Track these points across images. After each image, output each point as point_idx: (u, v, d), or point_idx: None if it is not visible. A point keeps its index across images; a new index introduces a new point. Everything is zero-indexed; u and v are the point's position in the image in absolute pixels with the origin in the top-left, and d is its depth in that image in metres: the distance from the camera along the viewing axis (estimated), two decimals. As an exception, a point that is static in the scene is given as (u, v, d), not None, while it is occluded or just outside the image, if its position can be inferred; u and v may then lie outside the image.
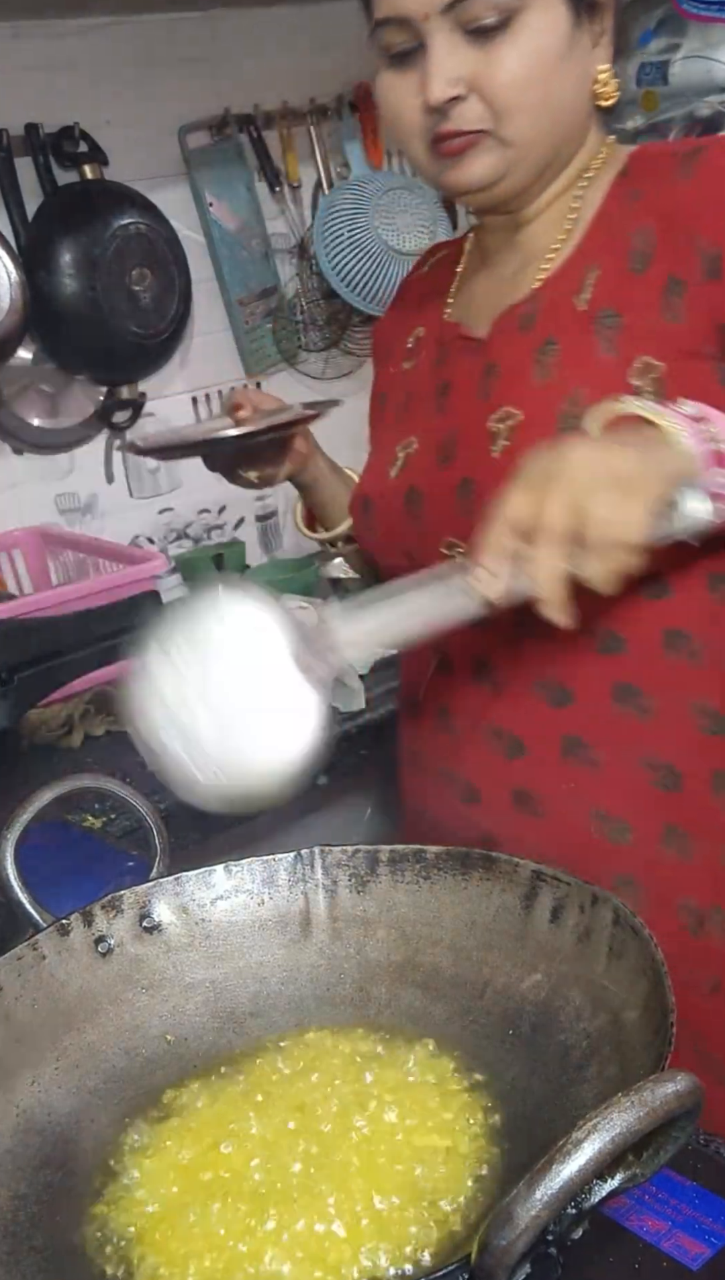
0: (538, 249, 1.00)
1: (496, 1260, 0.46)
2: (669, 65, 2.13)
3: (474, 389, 1.00)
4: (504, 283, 1.02)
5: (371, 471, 1.10)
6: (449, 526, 0.99)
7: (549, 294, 0.97)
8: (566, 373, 0.93)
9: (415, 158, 0.96)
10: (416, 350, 1.10)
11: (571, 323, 0.94)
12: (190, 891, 0.80)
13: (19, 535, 2.01)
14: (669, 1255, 0.65)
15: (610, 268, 0.93)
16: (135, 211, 1.98)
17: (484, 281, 1.05)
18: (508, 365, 0.97)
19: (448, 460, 1.00)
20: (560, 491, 0.71)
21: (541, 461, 0.74)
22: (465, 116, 0.91)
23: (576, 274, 0.95)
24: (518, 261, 1.02)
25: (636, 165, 0.96)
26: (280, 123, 2.20)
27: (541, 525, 0.71)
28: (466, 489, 0.97)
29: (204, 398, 2.22)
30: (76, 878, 1.15)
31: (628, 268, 0.92)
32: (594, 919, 0.69)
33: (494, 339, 1.00)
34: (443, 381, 1.04)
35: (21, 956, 0.74)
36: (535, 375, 0.95)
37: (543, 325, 0.96)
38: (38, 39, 1.91)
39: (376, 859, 0.80)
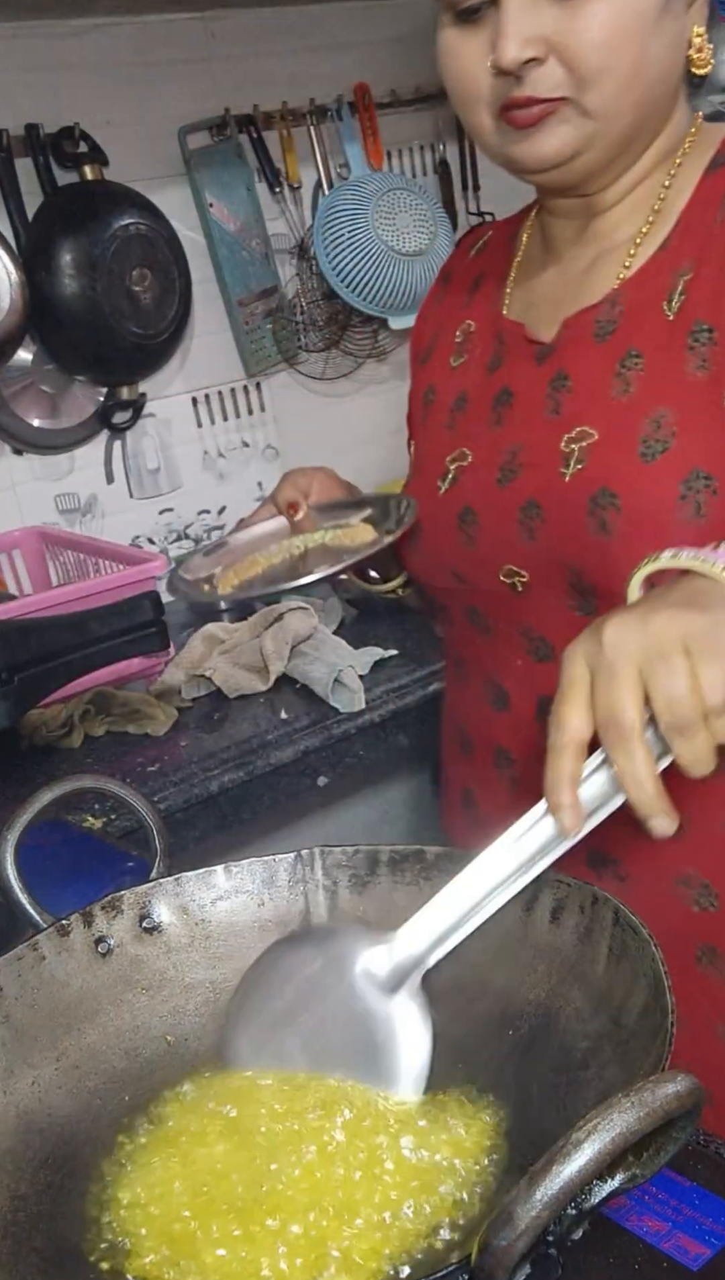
0: (616, 242, 0.89)
1: (496, 1260, 0.46)
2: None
3: (541, 401, 0.90)
4: (574, 279, 0.92)
5: (417, 485, 1.01)
6: (509, 553, 0.91)
7: (631, 297, 0.87)
8: (650, 390, 0.84)
9: (478, 128, 0.85)
10: (467, 346, 1.00)
11: (658, 333, 0.84)
12: (190, 892, 0.80)
13: (19, 535, 2.01)
14: (669, 1256, 0.65)
15: (705, 273, 0.83)
16: (135, 212, 1.99)
17: (550, 276, 0.95)
18: (581, 377, 0.88)
19: (509, 479, 0.91)
20: (620, 678, 0.61)
21: (579, 655, 0.64)
22: (544, 81, 0.80)
23: (664, 275, 0.85)
24: (591, 255, 0.91)
25: None
26: (280, 123, 2.20)
27: (611, 725, 0.61)
28: (531, 513, 0.89)
29: (204, 398, 2.22)
30: (76, 878, 1.15)
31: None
32: (594, 919, 0.69)
33: (563, 345, 0.90)
34: (501, 389, 0.94)
35: (21, 957, 0.74)
36: (614, 390, 0.85)
37: (624, 333, 0.86)
38: (38, 39, 1.91)
39: (376, 859, 0.79)
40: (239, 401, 2.27)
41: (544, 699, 0.92)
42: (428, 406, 1.03)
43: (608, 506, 0.84)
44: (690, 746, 0.62)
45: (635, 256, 0.88)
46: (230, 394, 2.26)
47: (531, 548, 0.90)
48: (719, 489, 0.82)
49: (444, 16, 0.84)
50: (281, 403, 2.32)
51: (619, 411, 0.85)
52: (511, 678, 0.96)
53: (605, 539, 0.84)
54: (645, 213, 0.88)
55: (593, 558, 0.86)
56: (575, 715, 0.63)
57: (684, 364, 0.83)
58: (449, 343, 1.02)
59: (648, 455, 0.83)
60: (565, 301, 0.92)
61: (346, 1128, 0.66)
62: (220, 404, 2.25)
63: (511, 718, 0.96)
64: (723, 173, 0.85)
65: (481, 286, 1.02)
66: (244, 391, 2.27)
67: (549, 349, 0.91)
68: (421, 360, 1.07)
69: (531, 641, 0.94)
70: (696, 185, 0.86)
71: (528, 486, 0.90)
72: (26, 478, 2.04)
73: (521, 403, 0.93)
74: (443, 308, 1.06)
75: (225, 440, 2.27)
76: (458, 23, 0.83)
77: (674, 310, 0.84)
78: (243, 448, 2.29)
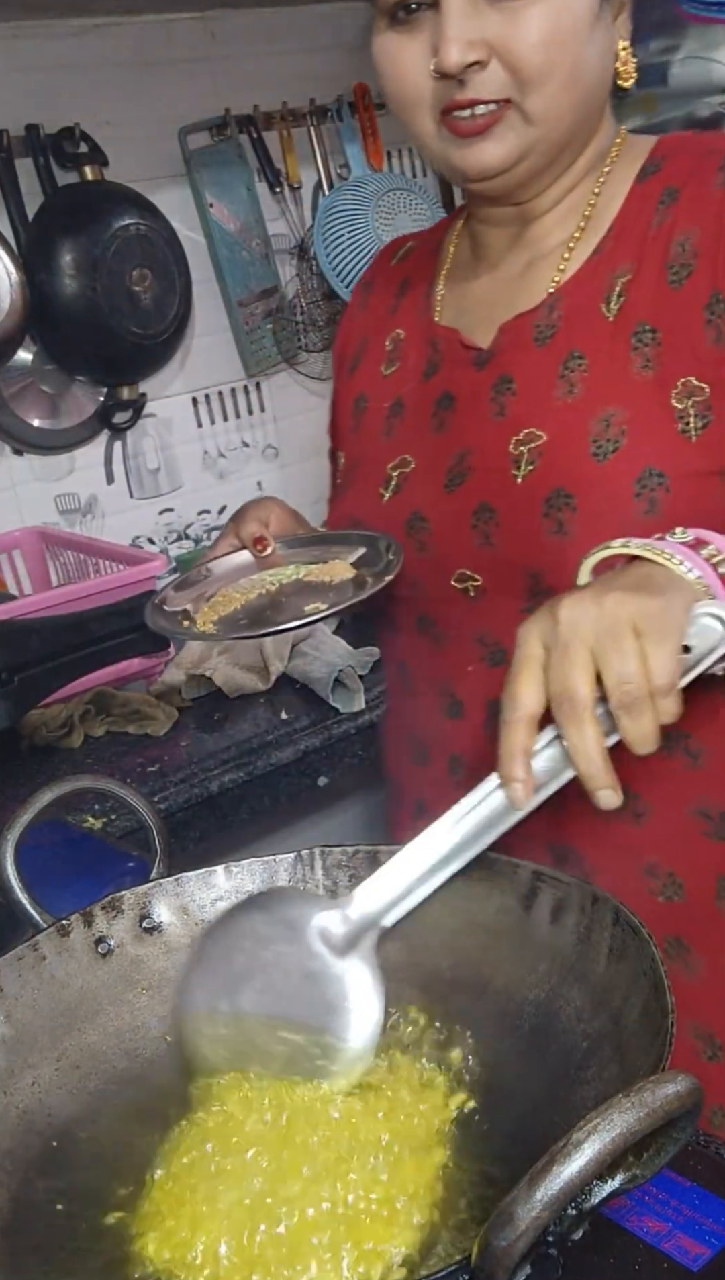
0: (548, 247, 0.91)
1: (497, 1261, 0.46)
2: (668, 67, 2.13)
3: (485, 405, 0.91)
4: (508, 285, 0.93)
5: (357, 492, 1.00)
6: (462, 558, 0.91)
7: (569, 301, 0.88)
8: (596, 391, 0.85)
9: (420, 133, 0.86)
10: (397, 354, 1.00)
11: (599, 334, 0.86)
12: (190, 892, 0.80)
13: (19, 536, 2.01)
14: (669, 1256, 0.65)
15: (644, 275, 0.85)
16: (135, 212, 1.98)
17: (482, 282, 0.96)
18: (524, 380, 0.89)
19: (458, 483, 0.91)
20: (573, 656, 0.64)
21: (533, 632, 0.66)
22: (486, 84, 0.81)
23: (601, 278, 0.87)
24: (524, 260, 0.93)
25: (668, 161, 0.87)
26: (280, 123, 2.20)
27: (564, 701, 0.64)
28: (484, 517, 0.89)
29: (204, 398, 2.22)
30: (76, 878, 1.15)
31: (665, 278, 0.84)
32: (594, 919, 0.69)
33: (502, 349, 0.91)
34: (441, 394, 0.95)
35: (22, 957, 0.74)
36: (559, 392, 0.86)
37: (564, 336, 0.87)
38: (38, 40, 1.91)
39: (376, 859, 0.79)
40: (239, 401, 2.27)
41: (492, 702, 0.92)
42: (359, 415, 1.03)
43: (563, 507, 0.85)
44: (637, 725, 0.64)
45: (569, 261, 0.89)
46: (230, 394, 2.26)
47: (487, 552, 0.90)
48: (672, 486, 0.83)
49: (380, 21, 0.85)
50: (281, 403, 2.32)
51: (566, 412, 0.86)
52: (464, 685, 0.96)
53: (562, 539, 0.85)
54: (576, 219, 0.90)
55: (550, 559, 0.86)
56: (528, 690, 0.65)
57: (629, 364, 0.84)
58: (378, 351, 1.02)
59: (599, 455, 0.84)
60: (499, 306, 0.92)
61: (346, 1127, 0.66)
62: (220, 404, 2.25)
63: (465, 725, 0.96)
64: (653, 181, 0.87)
65: (407, 294, 1.02)
66: (244, 391, 2.27)
67: (488, 354, 0.92)
68: (348, 369, 1.07)
69: (485, 647, 0.94)
70: (628, 193, 0.88)
71: (478, 490, 0.90)
72: (27, 478, 2.04)
73: (464, 407, 0.93)
74: (367, 316, 1.06)
75: (225, 440, 2.27)
76: (395, 27, 0.84)
77: (613, 312, 0.85)
78: (243, 448, 2.29)
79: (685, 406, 0.83)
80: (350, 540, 0.98)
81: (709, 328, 0.82)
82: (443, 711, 0.98)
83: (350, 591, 0.91)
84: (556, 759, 0.67)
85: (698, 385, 0.82)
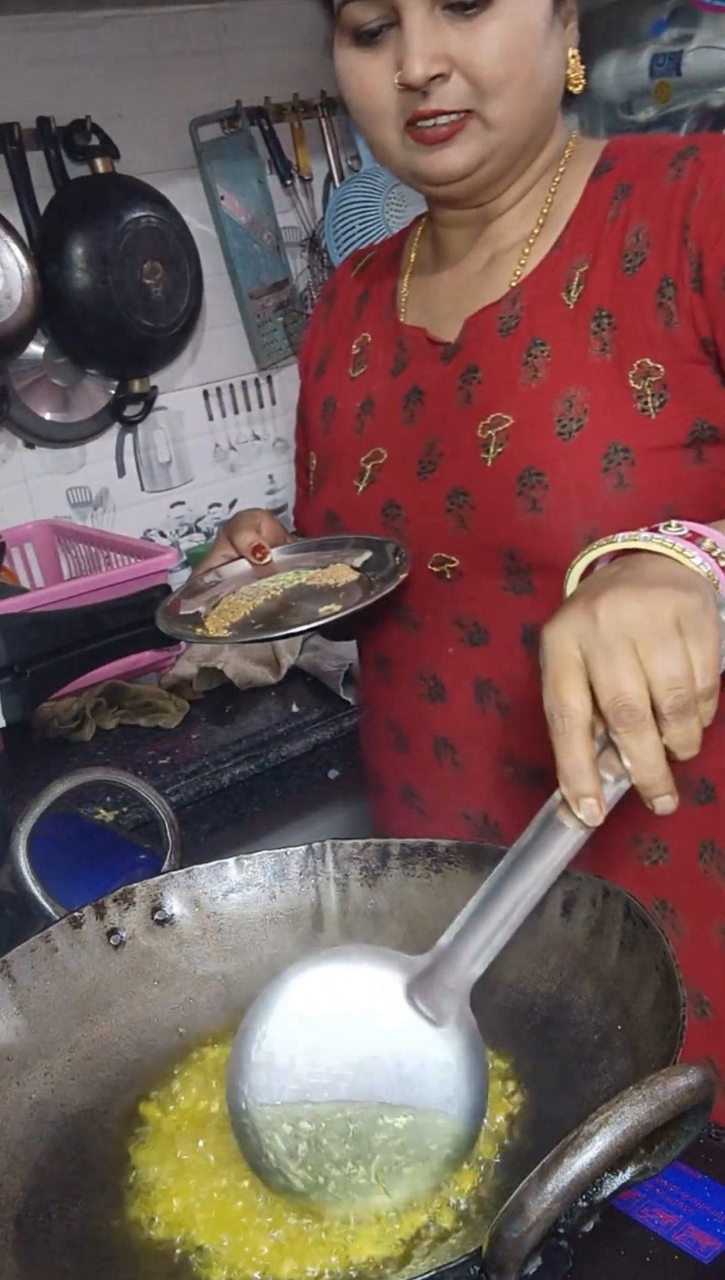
0: (509, 243, 0.95)
1: (508, 1252, 0.46)
2: (682, 56, 2.12)
3: (452, 395, 0.95)
4: (471, 281, 0.97)
5: (332, 486, 1.03)
6: (438, 541, 0.94)
7: (531, 292, 0.92)
8: (559, 374, 0.89)
9: (384, 144, 0.91)
10: (365, 357, 1.04)
11: (561, 321, 0.90)
12: (202, 884, 0.80)
13: (31, 529, 2.01)
14: (680, 1248, 0.65)
15: (601, 265, 0.89)
16: (147, 205, 1.98)
17: (445, 281, 1.00)
18: (490, 368, 0.93)
19: (430, 470, 0.95)
20: (623, 660, 0.61)
21: (566, 633, 0.63)
22: (448, 96, 0.86)
23: (560, 269, 0.91)
24: (485, 257, 0.97)
25: (620, 160, 0.92)
26: (291, 116, 2.20)
27: (621, 709, 0.60)
28: (458, 500, 0.92)
29: (215, 391, 2.22)
30: (88, 870, 1.15)
31: (620, 267, 0.88)
32: (606, 913, 0.69)
33: (468, 342, 0.95)
34: (410, 388, 0.98)
35: (34, 949, 0.74)
36: (524, 377, 0.90)
37: (527, 325, 0.92)
38: (49, 32, 1.91)
39: (388, 852, 0.80)
40: (250, 394, 2.27)
41: (480, 681, 0.96)
42: (329, 416, 1.06)
43: (535, 485, 0.88)
44: (685, 730, 0.61)
45: (530, 255, 0.94)
46: (241, 387, 2.26)
47: (463, 534, 0.93)
48: (637, 460, 0.87)
49: (342, 38, 0.89)
50: (292, 396, 2.30)
51: (531, 396, 0.90)
52: (444, 667, 0.98)
53: (538, 516, 0.88)
54: (535, 216, 0.94)
55: (527, 536, 0.89)
56: (576, 697, 0.62)
57: (588, 348, 0.88)
58: (345, 356, 1.06)
59: (564, 434, 0.88)
60: (464, 302, 0.97)
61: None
62: (231, 397, 2.25)
63: (449, 707, 0.98)
64: (607, 179, 0.92)
65: (369, 301, 1.07)
66: (255, 384, 2.27)
67: (454, 347, 0.96)
68: (315, 374, 1.10)
69: (463, 628, 0.96)
70: (584, 190, 0.93)
71: (450, 475, 0.93)
72: (38, 471, 2.04)
73: (433, 399, 0.96)
74: (331, 325, 1.11)
75: (236, 433, 2.27)
76: (358, 44, 0.88)
77: (573, 299, 0.90)
78: (254, 440, 2.29)
79: (643, 387, 0.87)
80: (346, 545, 1.00)
81: (660, 310, 0.86)
82: (423, 696, 1.00)
83: (359, 594, 0.93)
84: (611, 769, 0.63)
85: (653, 366, 0.86)
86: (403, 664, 1.01)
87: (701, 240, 0.84)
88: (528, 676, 0.93)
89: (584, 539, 0.85)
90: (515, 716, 0.95)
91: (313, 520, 1.06)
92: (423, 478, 0.95)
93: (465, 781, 0.98)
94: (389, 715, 1.04)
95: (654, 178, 0.88)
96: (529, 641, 0.92)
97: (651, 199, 0.88)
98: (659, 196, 0.87)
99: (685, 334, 0.85)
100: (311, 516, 1.06)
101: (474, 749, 0.98)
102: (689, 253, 0.85)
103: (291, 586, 0.98)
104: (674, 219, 0.86)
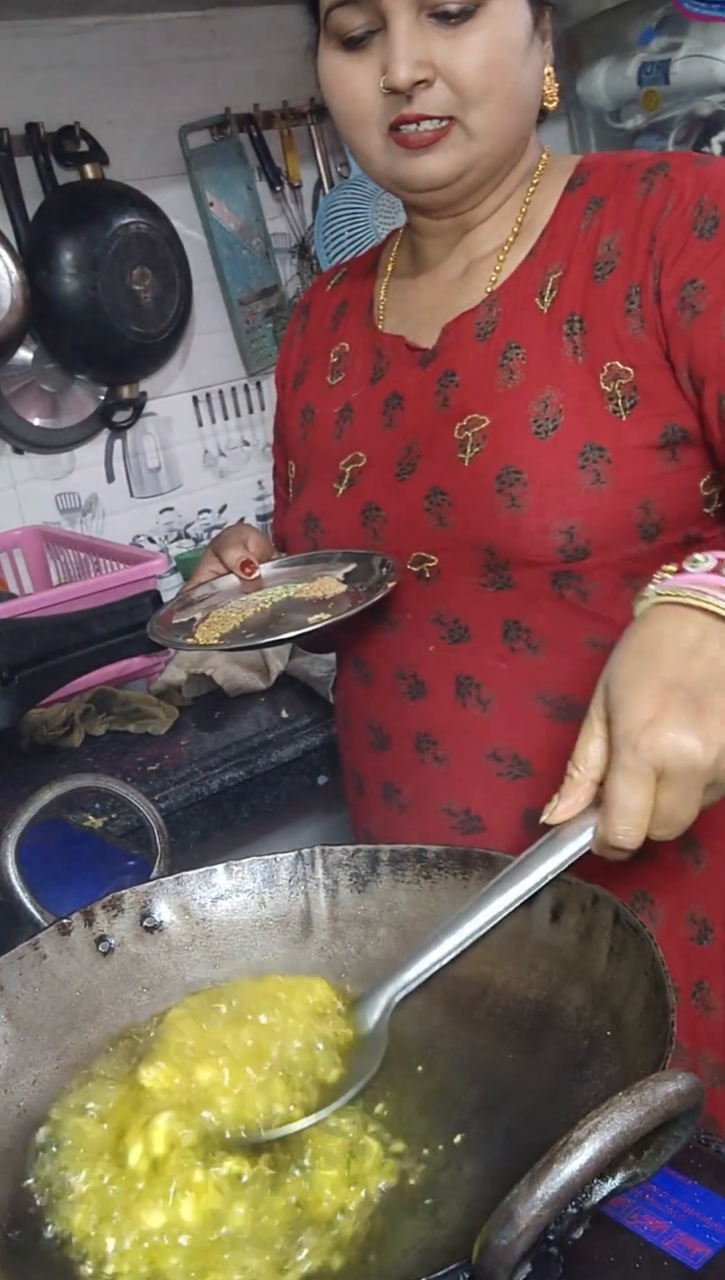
0: (484, 252, 0.97)
1: (497, 1259, 0.46)
2: (670, 64, 2.13)
3: (430, 399, 0.97)
4: (448, 288, 0.99)
5: (312, 490, 1.05)
6: (417, 540, 0.96)
7: (506, 298, 0.95)
8: (534, 376, 0.91)
9: (367, 148, 0.92)
10: (343, 365, 1.06)
11: (535, 325, 0.92)
12: (191, 891, 0.80)
13: (19, 535, 2.01)
14: (670, 1254, 0.65)
15: (573, 272, 0.92)
16: (136, 211, 1.98)
17: (423, 289, 1.02)
18: (467, 372, 0.95)
19: (408, 472, 0.97)
20: (689, 796, 0.66)
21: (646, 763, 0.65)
22: (432, 101, 0.87)
23: (534, 276, 0.94)
24: (462, 266, 0.99)
25: (593, 174, 0.95)
26: (281, 122, 2.20)
27: (663, 827, 0.66)
28: (437, 499, 0.94)
29: (204, 397, 2.22)
30: (77, 877, 1.15)
31: (591, 275, 0.91)
32: (595, 918, 0.69)
33: (446, 347, 0.97)
34: (389, 394, 1.00)
35: (23, 956, 0.74)
36: (499, 380, 0.93)
37: (502, 330, 0.94)
38: (39, 38, 1.91)
39: (377, 858, 0.80)
40: (240, 400, 2.27)
41: (461, 677, 0.97)
42: (307, 424, 1.08)
43: (514, 483, 0.90)
44: (670, 833, 0.68)
45: (505, 263, 0.96)
46: (231, 393, 2.26)
47: (442, 532, 0.95)
48: (613, 459, 0.89)
49: (328, 43, 0.91)
50: (282, 402, 2.32)
51: (506, 397, 0.92)
52: (425, 665, 0.99)
53: (517, 512, 0.90)
54: (509, 225, 0.97)
55: (505, 533, 0.91)
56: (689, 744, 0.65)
57: (561, 350, 0.91)
58: (323, 366, 1.08)
59: (541, 434, 0.90)
60: (441, 309, 0.99)
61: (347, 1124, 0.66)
62: (221, 403, 2.25)
63: (430, 703, 1.00)
64: (580, 192, 0.95)
65: (346, 312, 1.09)
66: (245, 390, 2.27)
67: (432, 353, 0.98)
68: (292, 387, 1.13)
69: (443, 626, 0.98)
70: (558, 202, 0.95)
71: (428, 476, 0.95)
72: (27, 477, 2.04)
73: (411, 403, 0.98)
74: (307, 338, 1.13)
75: (226, 439, 2.27)
76: (343, 49, 0.90)
77: (547, 304, 0.92)
78: (243, 446, 2.29)
79: (613, 389, 0.89)
80: (332, 559, 1.02)
81: (629, 316, 0.89)
82: (403, 694, 1.01)
83: (348, 603, 0.95)
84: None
85: (623, 369, 0.89)
86: (381, 664, 1.02)
87: (664, 253, 0.87)
88: (508, 670, 0.95)
89: (562, 534, 0.89)
90: (496, 710, 0.97)
91: (292, 524, 1.07)
92: (401, 479, 0.97)
93: (447, 776, 0.99)
94: (368, 715, 1.06)
95: (625, 192, 0.91)
96: (509, 636, 0.95)
97: (623, 211, 0.90)
98: (630, 209, 0.90)
99: (650, 341, 0.88)
100: (290, 522, 1.08)
101: (456, 744, 0.99)
102: (653, 263, 0.87)
103: (280, 600, 1.00)
104: (643, 230, 0.88)
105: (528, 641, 0.94)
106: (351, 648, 1.07)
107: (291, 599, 0.99)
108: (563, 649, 0.94)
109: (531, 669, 0.95)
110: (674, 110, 2.18)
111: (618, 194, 0.92)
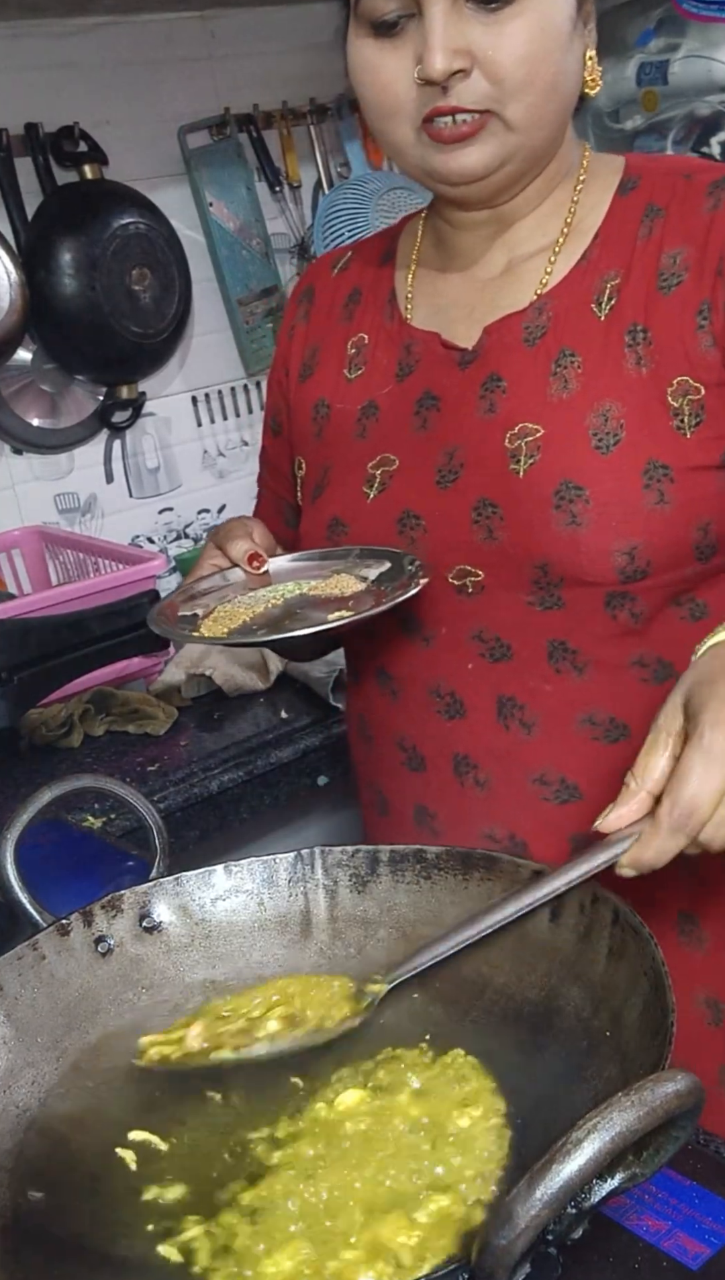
0: (528, 251, 0.93)
1: (496, 1260, 0.46)
2: (669, 65, 2.13)
3: (473, 404, 0.91)
4: (488, 287, 0.94)
5: (337, 493, 0.99)
6: (462, 553, 0.91)
7: (558, 303, 0.90)
8: (592, 386, 0.87)
9: (399, 140, 0.87)
10: (362, 359, 1.00)
11: (592, 333, 0.88)
12: (190, 891, 0.80)
13: (18, 535, 2.01)
14: (669, 1255, 0.65)
15: (634, 281, 0.87)
16: (135, 211, 1.99)
17: (456, 285, 0.96)
18: (515, 378, 0.90)
19: (451, 480, 0.91)
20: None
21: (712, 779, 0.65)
22: (468, 93, 0.82)
23: (590, 282, 0.89)
24: (502, 263, 0.94)
25: (645, 179, 0.91)
26: (280, 122, 2.20)
27: (710, 845, 0.67)
28: (486, 512, 0.89)
29: (203, 397, 2.22)
30: (76, 878, 1.15)
31: (655, 285, 0.87)
32: (594, 918, 0.69)
33: (489, 350, 0.92)
34: (422, 393, 0.95)
35: (22, 956, 0.74)
36: (553, 389, 0.88)
37: (554, 336, 0.89)
38: (38, 39, 1.91)
39: (377, 859, 0.79)
40: (239, 400, 2.27)
41: (503, 698, 0.93)
42: (321, 421, 1.02)
43: (575, 499, 0.86)
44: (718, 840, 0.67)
45: (555, 265, 0.91)
46: (230, 393, 2.26)
47: (490, 546, 0.90)
48: (676, 477, 0.85)
49: (358, 30, 0.85)
50: (281, 402, 2.32)
51: (562, 408, 0.87)
52: (463, 684, 0.94)
53: (577, 530, 0.86)
54: (557, 224, 0.92)
55: (563, 551, 0.87)
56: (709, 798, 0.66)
57: (623, 361, 0.87)
58: (337, 357, 1.02)
59: (602, 448, 0.86)
60: (481, 308, 0.93)
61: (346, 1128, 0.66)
62: (220, 403, 2.25)
63: (470, 724, 0.95)
64: (634, 196, 0.90)
65: (362, 300, 1.02)
66: (244, 390, 2.27)
67: (473, 354, 0.93)
68: (299, 378, 1.05)
69: (483, 643, 0.93)
70: (610, 204, 0.91)
71: (476, 486, 0.90)
72: (26, 477, 2.04)
73: (450, 406, 0.93)
74: (313, 325, 1.05)
75: (225, 439, 2.27)
76: (376, 36, 0.84)
77: (605, 312, 0.88)
78: (242, 446, 2.29)
79: (680, 404, 0.85)
80: (349, 555, 0.97)
81: (701, 333, 0.85)
82: (439, 713, 0.96)
83: (371, 601, 0.89)
84: None
85: (693, 385, 0.85)
86: (412, 679, 0.98)
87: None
88: (552, 692, 0.91)
89: (623, 555, 0.85)
90: (541, 733, 0.93)
91: (314, 527, 1.01)
92: (443, 488, 0.92)
93: (489, 800, 0.95)
94: (397, 733, 1.00)
95: (690, 205, 0.87)
96: (555, 657, 0.91)
97: (689, 225, 0.87)
98: (698, 225, 0.86)
99: (721, 360, 0.85)
100: (311, 524, 1.02)
101: (497, 767, 0.95)
102: (722, 283, 0.84)
103: (293, 596, 0.94)
104: (712, 248, 0.85)
105: (573, 663, 0.90)
106: (376, 659, 1.01)
107: (305, 595, 0.93)
108: (609, 669, 0.90)
109: (577, 690, 0.91)
110: (673, 111, 2.18)
111: (680, 206, 0.87)
